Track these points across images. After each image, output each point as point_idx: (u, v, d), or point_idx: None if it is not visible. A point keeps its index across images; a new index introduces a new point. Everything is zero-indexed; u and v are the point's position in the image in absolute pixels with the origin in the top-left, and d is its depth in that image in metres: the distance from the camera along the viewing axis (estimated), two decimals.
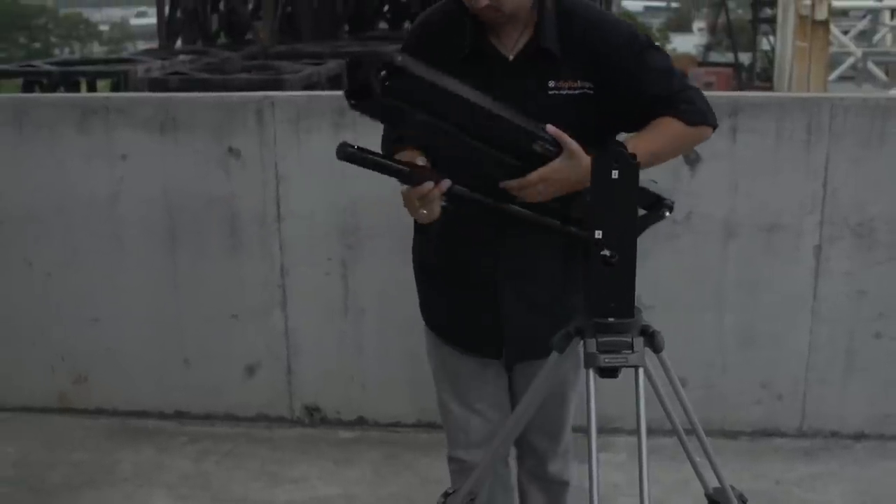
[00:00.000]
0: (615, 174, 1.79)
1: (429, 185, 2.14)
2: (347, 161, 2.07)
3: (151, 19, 40.90)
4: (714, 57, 57.23)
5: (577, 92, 2.25)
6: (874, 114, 3.47)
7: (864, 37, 27.66)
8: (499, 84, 2.21)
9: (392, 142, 2.41)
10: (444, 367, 2.56)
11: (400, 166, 2.14)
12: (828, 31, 18.54)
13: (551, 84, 2.25)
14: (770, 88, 30.58)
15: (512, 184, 2.12)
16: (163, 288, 3.88)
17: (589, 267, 1.85)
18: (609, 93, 2.26)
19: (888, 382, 3.68)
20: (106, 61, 25.36)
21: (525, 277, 2.37)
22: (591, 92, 2.26)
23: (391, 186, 3.30)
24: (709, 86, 38.04)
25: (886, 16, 27.59)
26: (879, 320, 3.63)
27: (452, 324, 2.50)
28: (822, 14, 17.64)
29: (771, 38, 44.39)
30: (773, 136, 3.50)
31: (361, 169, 3.52)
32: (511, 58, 2.27)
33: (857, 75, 22.96)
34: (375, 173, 2.20)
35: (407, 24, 31.82)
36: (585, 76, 2.25)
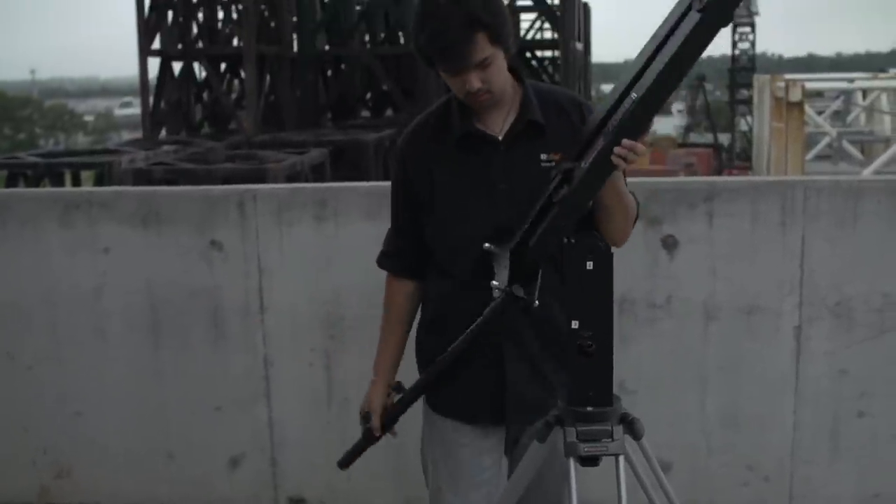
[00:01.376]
0: (590, 265, 1.83)
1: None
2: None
3: (136, 109, 41.32)
4: (694, 138, 58.04)
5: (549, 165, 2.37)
6: (847, 195, 3.53)
7: (838, 116, 28.11)
8: (494, 163, 2.36)
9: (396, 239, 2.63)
10: (442, 447, 2.58)
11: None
12: (802, 112, 18.86)
13: (543, 157, 2.39)
14: (749, 168, 30.99)
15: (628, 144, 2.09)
16: (146, 380, 3.87)
17: (566, 356, 1.88)
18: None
19: (874, 461, 3.68)
20: (90, 152, 25.51)
21: (526, 345, 2.43)
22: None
23: (373, 276, 3.34)
24: (689, 166, 38.43)
25: (859, 96, 28.09)
26: (862, 399, 3.64)
27: (455, 391, 2.54)
28: (796, 96, 17.96)
29: (749, 118, 45.08)
30: (748, 220, 3.55)
31: (343, 259, 3.58)
32: (501, 137, 2.37)
33: (833, 154, 23.29)
34: (358, 264, 2.32)
35: (389, 112, 32.24)
36: (566, 146, 2.34)
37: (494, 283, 2.28)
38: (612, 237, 2.37)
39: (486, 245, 2.32)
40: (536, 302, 2.21)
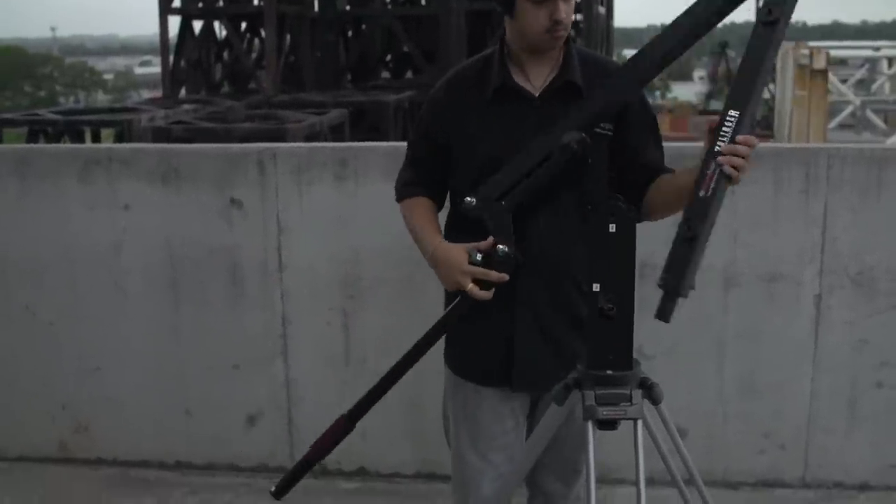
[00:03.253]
0: (612, 228, 1.82)
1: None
2: None
3: (156, 68, 41.30)
4: (715, 105, 57.58)
5: (603, 132, 2.38)
6: (871, 163, 3.50)
7: (862, 85, 27.85)
8: (527, 119, 2.38)
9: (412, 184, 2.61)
10: (464, 410, 2.58)
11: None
12: (826, 80, 18.68)
13: None
14: (771, 136, 30.74)
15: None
16: (165, 337, 3.89)
17: (587, 320, 1.87)
18: (617, 140, 2.40)
19: (891, 432, 3.67)
20: (110, 110, 25.53)
21: (540, 308, 2.44)
22: (611, 134, 2.40)
23: (392, 236, 3.34)
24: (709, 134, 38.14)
25: (884, 65, 27.80)
26: (881, 369, 3.62)
27: (470, 355, 2.54)
28: (820, 63, 17.79)
29: (771, 86, 44.70)
30: (771, 187, 3.52)
31: (363, 220, 3.56)
32: (537, 94, 2.36)
33: (856, 123, 23.10)
34: (377, 224, 2.33)
35: (409, 74, 32.10)
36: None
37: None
38: (658, 215, 2.46)
39: (467, 199, 2.35)
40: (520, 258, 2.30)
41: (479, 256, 2.34)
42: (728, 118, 2.09)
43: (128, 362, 3.92)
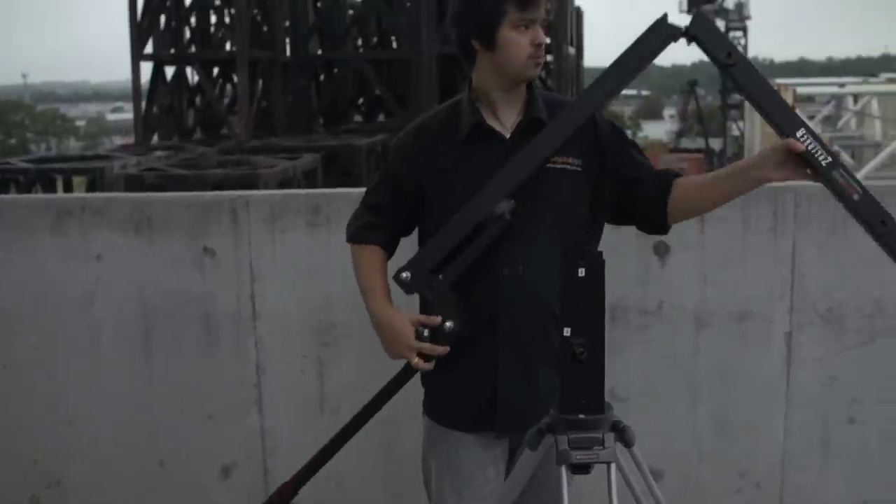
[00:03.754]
0: (581, 272, 1.84)
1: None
2: None
3: (128, 114, 41.30)
4: (685, 143, 58.14)
5: (569, 167, 2.46)
6: (836, 202, 3.54)
7: (829, 122, 28.22)
8: (500, 160, 2.42)
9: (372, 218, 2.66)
10: (447, 460, 2.59)
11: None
12: None
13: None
14: None
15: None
16: (138, 388, 3.86)
17: (559, 364, 1.89)
18: (596, 171, 2.49)
19: (864, 468, 3.69)
20: (82, 158, 25.49)
21: (522, 349, 2.46)
22: (580, 170, 2.47)
23: None
24: (681, 171, 38.51)
25: (850, 101, 28.19)
26: (852, 405, 3.65)
27: (453, 401, 2.56)
28: (787, 100, 18.01)
29: (740, 123, 45.17)
30: (740, 225, 3.56)
31: (336, 266, 3.58)
32: (508, 135, 2.40)
33: None
34: (350, 271, 2.39)
35: (381, 117, 32.25)
36: (574, 154, 2.46)
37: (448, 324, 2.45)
38: (686, 217, 2.60)
39: (403, 274, 2.47)
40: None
41: (426, 332, 2.43)
42: (803, 138, 2.30)
43: (101, 414, 3.89)
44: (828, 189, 2.37)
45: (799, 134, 2.28)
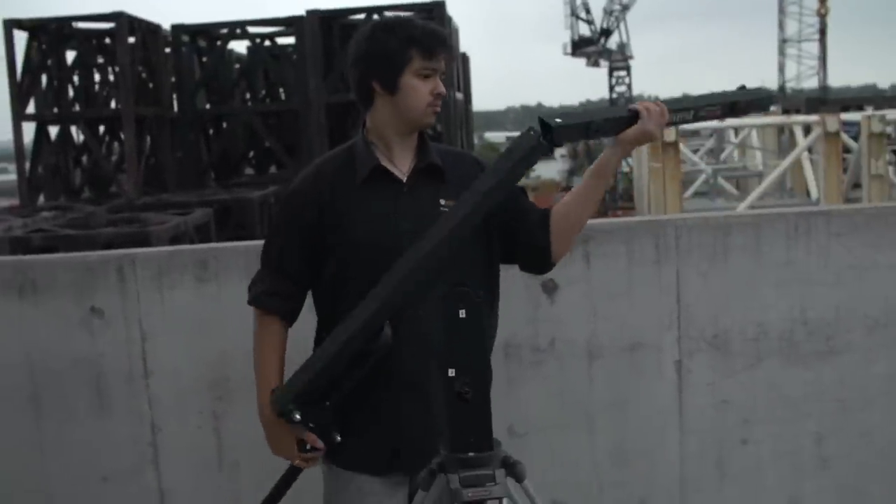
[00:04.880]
0: (462, 314, 1.87)
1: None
2: None
3: (11, 175, 40.27)
4: (577, 181, 58.96)
5: None
6: (716, 230, 3.66)
7: (713, 154, 29.01)
8: (398, 202, 2.49)
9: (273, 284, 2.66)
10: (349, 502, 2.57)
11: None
12: (678, 151, 19.40)
13: (442, 202, 2.51)
14: (633, 209, 31.69)
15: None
16: (27, 454, 3.75)
17: (446, 404, 1.91)
18: (507, 218, 2.59)
19: (759, 486, 3.78)
20: None
21: (420, 389, 2.47)
22: None
23: None
24: None
25: (731, 134, 29.06)
26: (744, 426, 3.74)
27: (359, 442, 2.55)
28: (671, 136, 18.48)
29: (629, 159, 46.14)
30: (625, 259, 3.64)
31: (227, 320, 3.55)
32: (405, 179, 2.44)
33: (709, 190, 23.98)
34: (242, 324, 2.38)
35: (273, 169, 32.10)
36: None
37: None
38: (564, 248, 2.65)
39: (295, 416, 2.49)
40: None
41: (308, 446, 2.50)
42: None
43: None
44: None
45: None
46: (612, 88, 57.96)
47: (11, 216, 22.55)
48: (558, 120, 2.37)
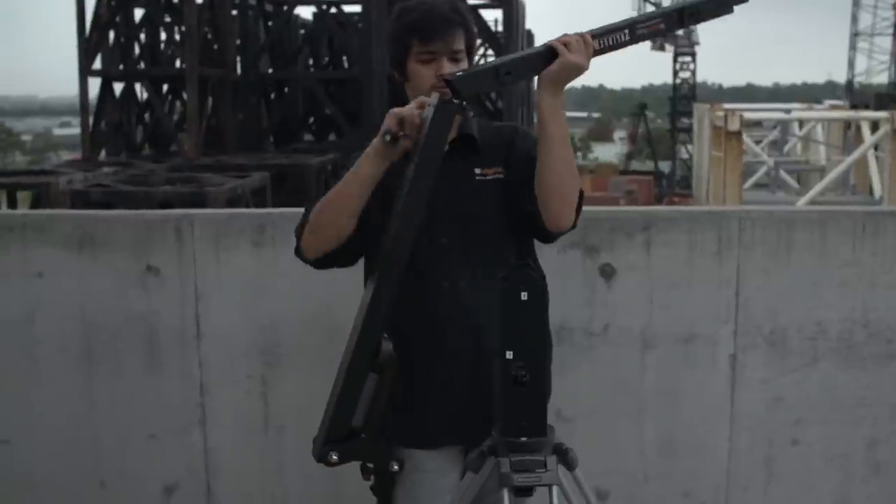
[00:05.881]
0: (524, 296, 1.84)
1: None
2: None
3: (76, 129, 40.84)
4: (635, 165, 58.75)
5: (498, 176, 2.58)
6: (780, 225, 3.59)
7: (775, 146, 28.65)
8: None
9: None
10: (402, 487, 2.56)
11: None
12: (741, 141, 19.18)
13: (477, 171, 2.58)
14: (690, 196, 31.41)
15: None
16: (78, 408, 3.80)
17: (500, 387, 1.89)
18: (517, 174, 2.56)
19: (807, 488, 3.73)
20: (27, 173, 25.14)
21: (467, 360, 2.48)
22: (503, 177, 2.58)
23: (311, 303, 3.34)
24: (630, 194, 38.97)
25: (795, 126, 28.65)
26: (796, 426, 3.69)
27: (414, 417, 2.55)
28: (734, 125, 18.27)
29: (689, 146, 45.73)
30: (685, 249, 3.59)
31: (281, 286, 3.55)
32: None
33: (770, 183, 23.70)
34: (296, 291, 2.35)
35: (332, 137, 32.19)
36: (499, 163, 2.59)
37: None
38: (552, 213, 2.49)
39: (332, 457, 2.41)
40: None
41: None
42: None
43: (39, 434, 3.82)
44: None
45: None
46: (675, 73, 57.30)
47: (73, 169, 22.87)
48: (459, 73, 2.28)
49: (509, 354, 1.86)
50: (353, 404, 2.30)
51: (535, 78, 2.41)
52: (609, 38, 2.39)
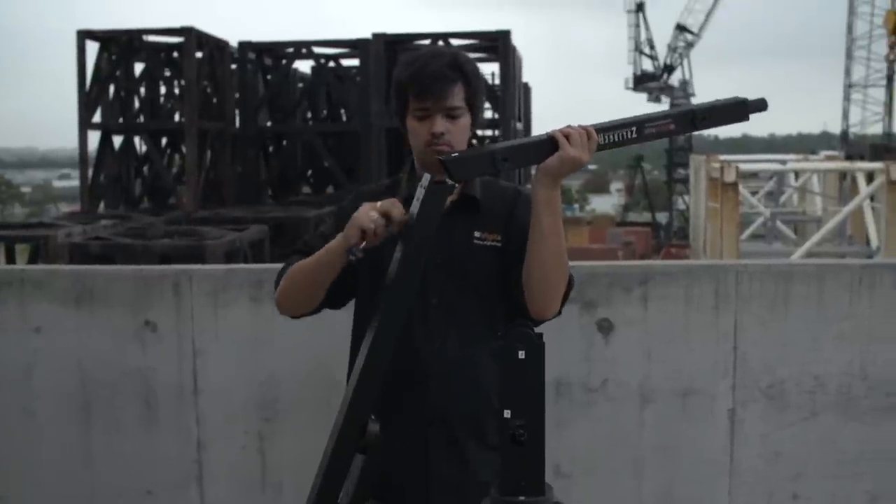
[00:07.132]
0: (521, 354, 1.84)
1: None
2: None
3: (75, 181, 40.96)
4: (632, 217, 58.95)
5: (496, 244, 2.52)
6: (777, 279, 3.60)
7: (771, 197, 28.71)
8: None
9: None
10: None
11: None
12: (737, 192, 19.21)
13: (476, 234, 2.52)
14: (687, 246, 31.44)
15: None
16: (75, 463, 3.78)
17: (500, 446, 1.88)
18: (513, 245, 2.50)
19: None
20: (25, 226, 25.18)
21: (449, 423, 2.47)
22: (500, 245, 2.53)
23: (309, 358, 3.34)
24: (628, 245, 39.07)
25: (791, 178, 28.75)
26: (796, 481, 3.67)
27: (389, 475, 2.50)
28: (730, 177, 18.32)
29: (686, 197, 45.87)
30: (683, 303, 3.59)
31: (279, 341, 3.55)
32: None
33: (767, 233, 23.71)
34: (293, 346, 2.32)
35: (330, 189, 32.30)
36: (499, 230, 2.53)
37: None
38: (539, 304, 2.43)
39: None
40: None
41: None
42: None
43: (36, 490, 3.80)
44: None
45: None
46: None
47: (72, 222, 22.91)
48: (455, 155, 2.26)
49: (507, 413, 1.86)
50: (339, 485, 2.27)
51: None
52: (615, 134, 2.35)
